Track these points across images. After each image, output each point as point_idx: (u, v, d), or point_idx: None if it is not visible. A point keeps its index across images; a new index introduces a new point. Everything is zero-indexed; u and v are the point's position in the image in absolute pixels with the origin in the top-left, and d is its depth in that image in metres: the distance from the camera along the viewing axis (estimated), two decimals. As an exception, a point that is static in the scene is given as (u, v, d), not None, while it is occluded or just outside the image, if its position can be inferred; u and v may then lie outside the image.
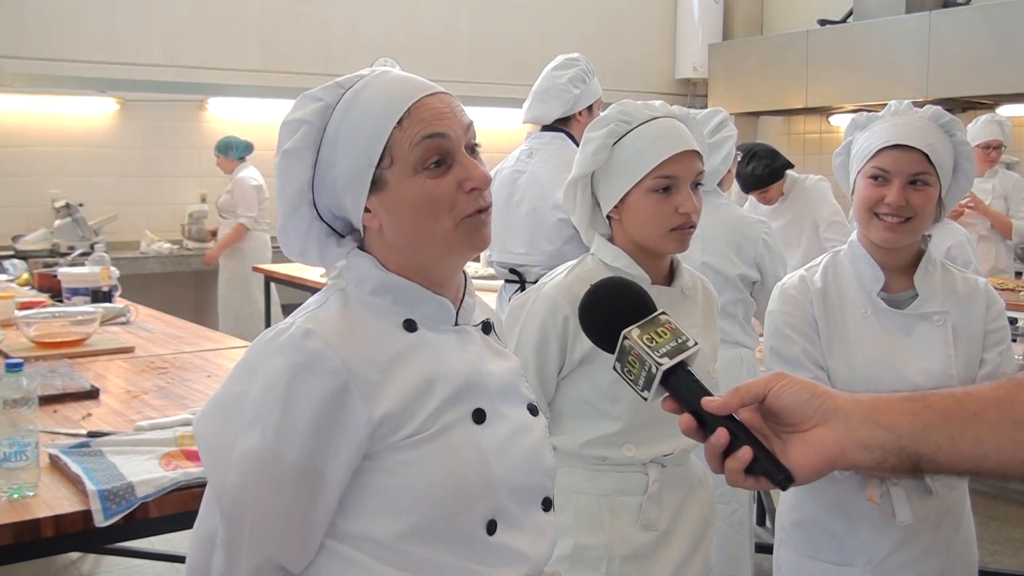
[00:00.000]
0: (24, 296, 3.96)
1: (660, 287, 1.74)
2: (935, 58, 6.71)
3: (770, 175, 4.46)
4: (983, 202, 4.98)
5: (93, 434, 2.03)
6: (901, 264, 1.84)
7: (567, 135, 3.27)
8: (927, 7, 6.90)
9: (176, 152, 6.56)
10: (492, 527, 1.15)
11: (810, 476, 0.92)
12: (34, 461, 1.70)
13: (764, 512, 3.93)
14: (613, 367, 1.03)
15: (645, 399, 1.00)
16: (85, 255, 4.89)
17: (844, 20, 7.53)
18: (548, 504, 1.26)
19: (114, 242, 5.90)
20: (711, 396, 0.95)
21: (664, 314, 1.04)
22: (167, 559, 3.51)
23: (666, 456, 1.72)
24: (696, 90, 8.69)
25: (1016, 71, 6.28)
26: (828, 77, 7.40)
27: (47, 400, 2.29)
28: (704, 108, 3.69)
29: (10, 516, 1.60)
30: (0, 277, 4.70)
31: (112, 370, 2.78)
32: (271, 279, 5.81)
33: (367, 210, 1.16)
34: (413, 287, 1.18)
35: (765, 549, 2.98)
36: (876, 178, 1.78)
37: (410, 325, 1.17)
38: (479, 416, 1.16)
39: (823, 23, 7.63)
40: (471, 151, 1.17)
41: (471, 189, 1.14)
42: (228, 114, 6.80)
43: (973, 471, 0.92)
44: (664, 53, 8.67)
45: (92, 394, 2.41)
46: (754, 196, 4.57)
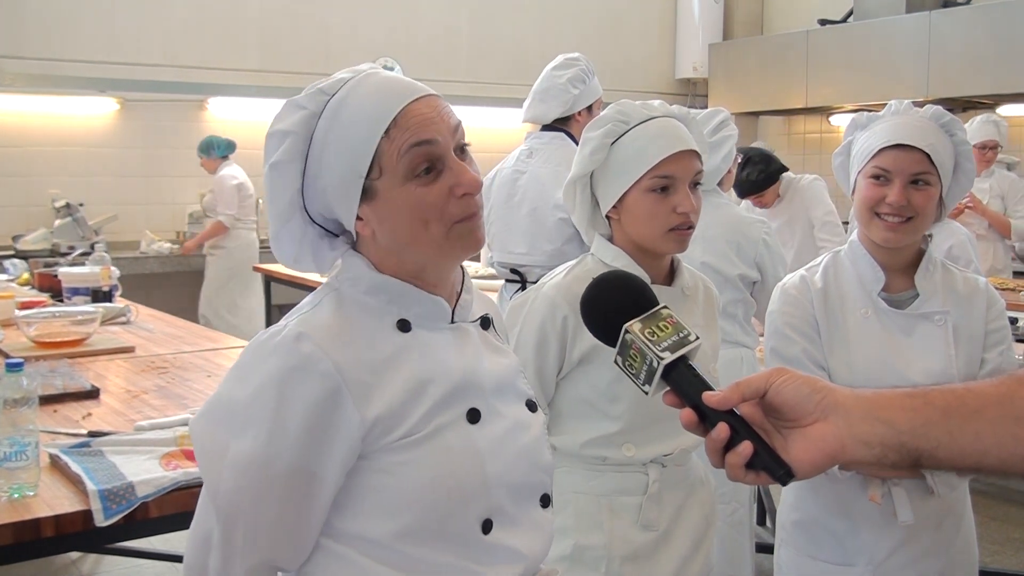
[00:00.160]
0: (24, 296, 3.96)
1: (660, 287, 1.73)
2: (935, 58, 6.71)
3: (765, 180, 4.45)
4: (981, 202, 4.98)
5: (93, 434, 2.03)
6: (902, 264, 1.84)
7: (567, 135, 3.27)
8: (927, 7, 6.90)
9: (176, 152, 6.56)
10: (488, 526, 1.15)
11: (810, 471, 0.92)
12: (34, 461, 1.70)
13: (764, 512, 3.93)
14: (614, 361, 1.03)
15: (646, 393, 1.00)
16: (85, 255, 4.89)
17: (844, 20, 7.53)
18: (547, 500, 1.26)
19: (114, 242, 5.89)
20: (712, 391, 0.95)
21: (665, 308, 1.04)
22: (167, 559, 3.51)
23: (666, 456, 1.72)
24: (696, 90, 8.68)
25: (1016, 71, 6.28)
26: (828, 77, 7.40)
27: (47, 400, 2.29)
28: (704, 108, 3.69)
29: (10, 516, 1.60)
30: (0, 277, 4.69)
31: (112, 370, 2.78)
32: (271, 279, 5.80)
33: (359, 218, 1.15)
34: (407, 288, 1.17)
35: (765, 549, 2.98)
36: (877, 178, 1.78)
37: (404, 325, 1.16)
38: (473, 416, 1.16)
39: (823, 23, 7.63)
40: (461, 151, 1.16)
41: (462, 195, 1.13)
42: (228, 114, 6.80)
43: (973, 468, 0.92)
44: (664, 53, 8.66)
45: (92, 394, 2.41)
46: (750, 201, 4.57)
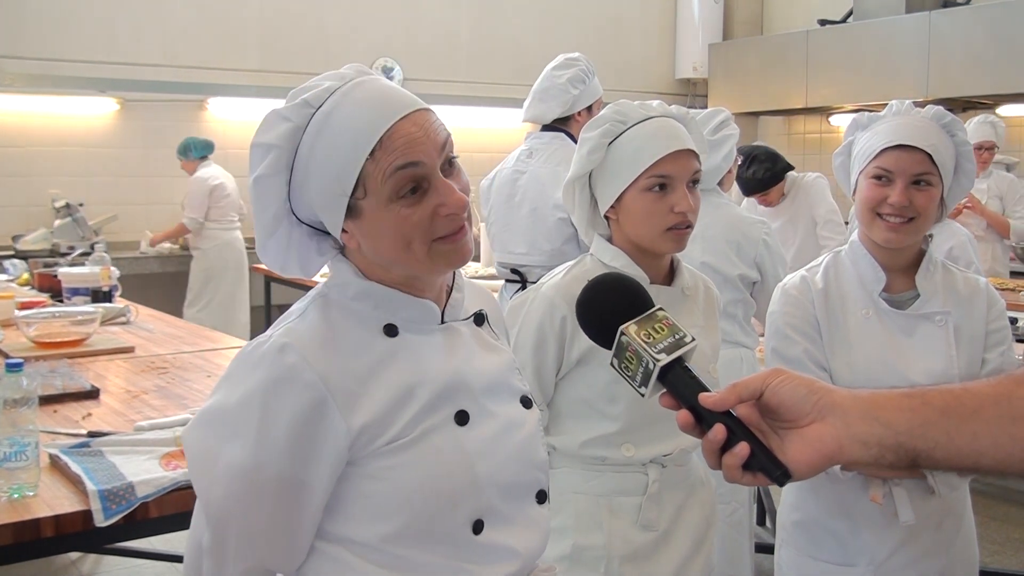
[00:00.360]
0: (24, 296, 3.96)
1: (660, 287, 1.73)
2: (935, 58, 6.70)
3: (771, 179, 4.44)
4: (980, 202, 4.98)
5: (93, 434, 2.03)
6: (902, 264, 1.83)
7: (567, 135, 3.27)
8: (927, 7, 6.90)
9: (176, 152, 6.56)
10: (478, 527, 1.16)
11: (807, 472, 0.92)
12: (34, 461, 1.70)
13: (764, 512, 3.93)
14: (610, 363, 1.03)
15: (642, 395, 1.00)
16: (85, 255, 4.89)
17: (844, 20, 7.53)
18: (542, 497, 1.26)
19: (114, 242, 5.89)
20: (708, 392, 0.95)
21: (661, 310, 1.04)
22: (167, 559, 3.51)
23: (666, 456, 1.72)
24: (696, 90, 8.68)
25: (1016, 71, 6.27)
26: (828, 77, 7.40)
27: (47, 400, 2.29)
28: (704, 108, 3.68)
29: (10, 516, 1.60)
30: (0, 277, 4.69)
31: (112, 370, 2.77)
32: (270, 279, 5.80)
33: (344, 230, 1.15)
34: (393, 293, 1.17)
35: (765, 549, 2.98)
36: (879, 178, 1.77)
37: (391, 330, 1.16)
38: (462, 418, 1.16)
39: (823, 23, 7.62)
40: (449, 165, 1.15)
41: (447, 214, 1.12)
42: (228, 114, 6.80)
43: (971, 468, 0.92)
44: (664, 53, 8.66)
45: (92, 394, 2.41)
46: (755, 199, 4.56)
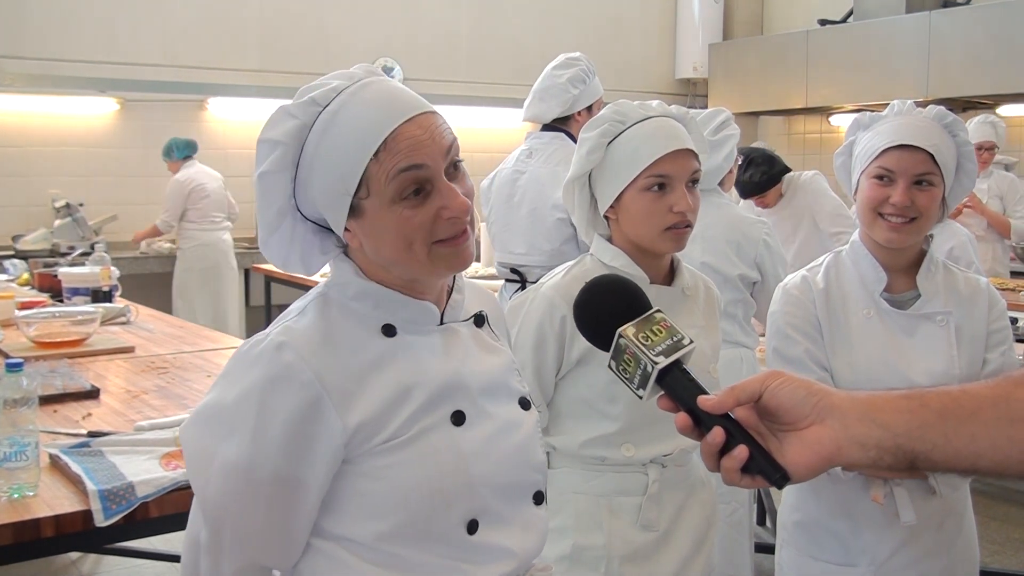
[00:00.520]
0: (24, 296, 3.95)
1: (660, 287, 1.73)
2: (935, 58, 6.70)
3: (768, 181, 4.45)
4: (981, 202, 4.98)
5: (93, 434, 2.03)
6: (904, 264, 1.83)
7: (567, 135, 3.26)
8: (927, 7, 6.90)
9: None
10: (473, 527, 1.16)
11: (806, 474, 0.92)
12: (34, 461, 1.70)
13: (764, 512, 3.93)
14: (608, 365, 1.03)
15: (640, 397, 1.00)
16: (85, 255, 4.89)
17: (844, 20, 7.53)
18: (539, 498, 1.26)
19: (114, 242, 5.88)
20: (707, 394, 0.94)
21: (659, 312, 1.04)
22: (167, 559, 3.51)
23: (666, 456, 1.72)
24: (696, 90, 8.68)
25: (1016, 71, 6.27)
26: (828, 77, 7.40)
27: (47, 400, 2.29)
28: (704, 108, 3.68)
29: (10, 516, 1.59)
30: (0, 277, 4.69)
31: (112, 370, 2.77)
32: (271, 279, 5.80)
33: (347, 229, 1.15)
34: (393, 294, 1.17)
35: (765, 549, 2.98)
36: (881, 178, 1.77)
37: (389, 330, 1.17)
38: (458, 418, 1.17)
39: (823, 23, 7.62)
40: (454, 167, 1.15)
41: (449, 217, 1.12)
42: (228, 114, 6.80)
43: (969, 469, 0.92)
44: (664, 53, 8.66)
45: (92, 394, 2.41)
46: (752, 201, 4.56)
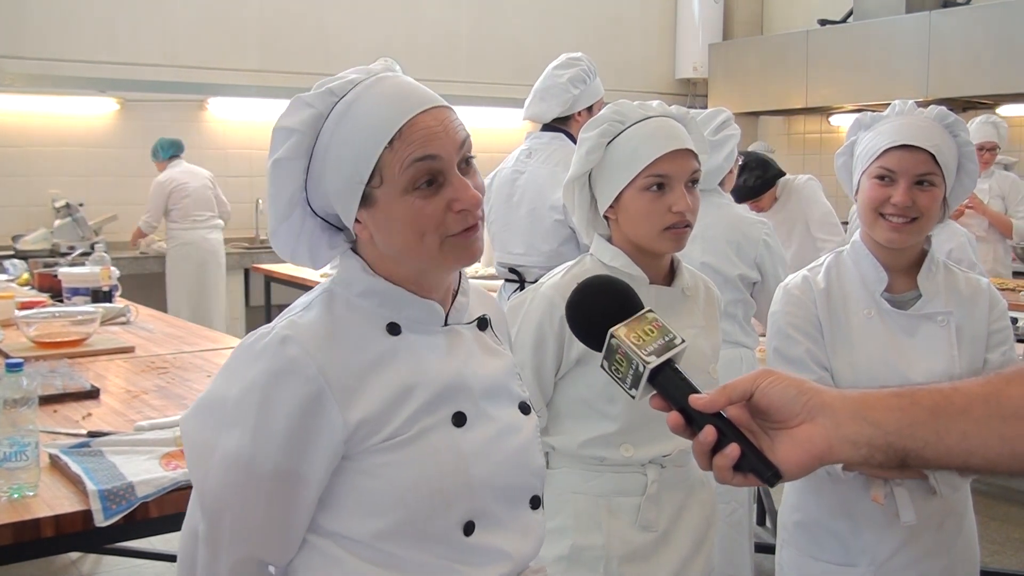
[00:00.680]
0: (24, 296, 3.95)
1: (660, 287, 1.73)
2: (935, 58, 6.71)
3: (762, 186, 4.47)
4: (982, 202, 4.98)
5: (93, 434, 2.03)
6: (904, 264, 1.83)
7: (567, 135, 3.26)
8: (927, 7, 6.90)
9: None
10: (470, 528, 1.16)
11: (797, 473, 0.92)
12: (34, 461, 1.70)
13: (764, 512, 3.93)
14: (601, 365, 1.04)
15: (633, 397, 1.00)
16: (85, 255, 4.89)
17: (844, 20, 7.53)
18: (536, 502, 1.27)
19: (114, 242, 5.89)
20: (699, 393, 0.95)
21: (651, 312, 1.04)
22: (167, 559, 3.51)
23: (665, 457, 1.72)
24: (696, 90, 8.68)
25: (1016, 71, 6.28)
26: (828, 77, 7.40)
27: (47, 400, 2.28)
28: (704, 108, 3.68)
29: (10, 516, 1.59)
30: (0, 277, 4.69)
31: (112, 370, 2.77)
32: (271, 279, 5.80)
33: (357, 220, 1.16)
34: (399, 291, 1.18)
35: (765, 549, 2.98)
36: (882, 178, 1.77)
37: (394, 328, 1.17)
38: (459, 419, 1.17)
39: (823, 23, 7.63)
40: (465, 163, 1.16)
41: (460, 210, 1.13)
42: (228, 114, 6.80)
43: (961, 467, 0.92)
44: (664, 53, 8.66)
45: (92, 394, 2.41)
46: (747, 205, 4.57)
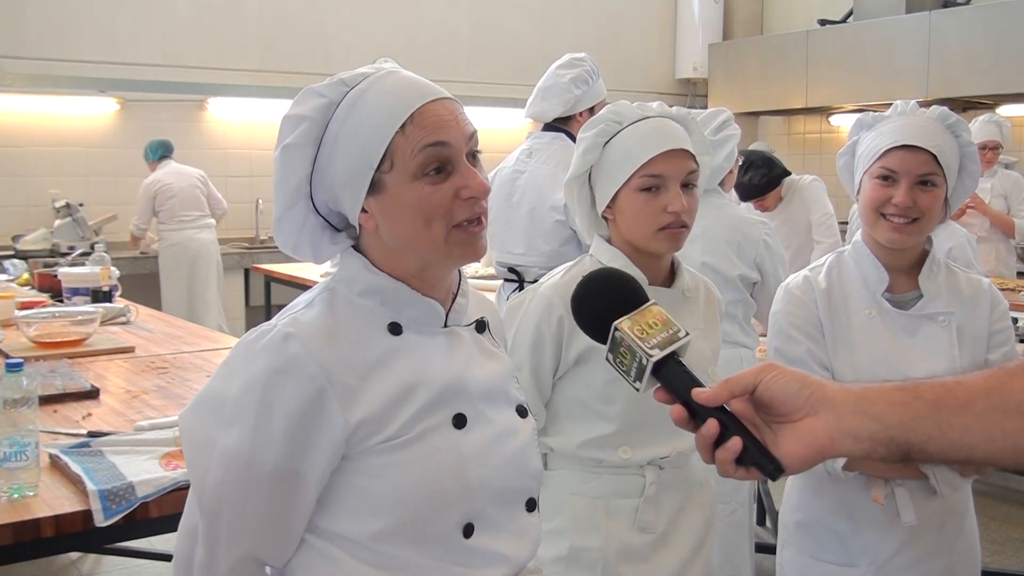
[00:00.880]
0: (24, 296, 3.95)
1: (659, 288, 1.72)
2: (935, 58, 6.71)
3: (767, 184, 4.47)
4: (984, 202, 4.98)
5: (93, 434, 2.03)
6: (906, 265, 1.83)
7: (567, 135, 3.26)
8: (927, 7, 6.90)
9: (176, 152, 6.55)
10: (468, 530, 1.16)
11: (799, 466, 0.92)
12: (34, 461, 1.70)
13: (764, 512, 3.93)
14: (605, 358, 1.04)
15: (637, 390, 1.01)
16: (85, 255, 4.89)
17: (844, 20, 7.53)
18: (532, 505, 1.27)
19: (114, 242, 5.89)
20: (702, 387, 0.95)
21: (656, 305, 1.05)
22: (167, 559, 3.50)
23: (663, 459, 1.71)
24: (696, 90, 8.69)
25: (1016, 71, 6.28)
26: (828, 77, 7.40)
27: (47, 400, 2.28)
28: (704, 108, 3.68)
29: (10, 516, 1.59)
30: (0, 277, 4.69)
31: (112, 370, 2.77)
32: (271, 279, 5.80)
33: (364, 210, 1.16)
34: (402, 289, 1.17)
35: (766, 549, 2.98)
36: (884, 178, 1.77)
37: (395, 328, 1.17)
38: (459, 421, 1.17)
39: (823, 23, 7.63)
40: (472, 158, 1.17)
41: (468, 198, 1.14)
42: (228, 114, 6.80)
43: (963, 460, 0.92)
44: (664, 53, 8.66)
45: (92, 394, 2.41)
46: (752, 204, 4.57)
